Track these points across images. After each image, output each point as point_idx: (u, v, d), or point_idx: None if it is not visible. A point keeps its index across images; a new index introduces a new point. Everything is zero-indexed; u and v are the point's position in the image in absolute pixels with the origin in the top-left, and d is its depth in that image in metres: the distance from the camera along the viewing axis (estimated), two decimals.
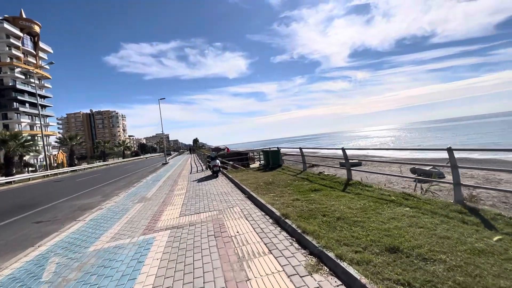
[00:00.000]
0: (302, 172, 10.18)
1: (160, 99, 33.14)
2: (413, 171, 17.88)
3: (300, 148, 11.01)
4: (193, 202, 6.89)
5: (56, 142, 37.94)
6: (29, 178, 23.55)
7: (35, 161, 56.70)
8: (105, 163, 43.30)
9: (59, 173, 29.18)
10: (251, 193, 6.80)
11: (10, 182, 21.57)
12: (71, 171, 32.47)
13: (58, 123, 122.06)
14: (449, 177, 15.36)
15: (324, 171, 9.49)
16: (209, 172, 13.90)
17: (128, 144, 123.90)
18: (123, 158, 56.59)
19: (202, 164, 20.54)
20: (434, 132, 75.29)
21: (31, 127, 59.23)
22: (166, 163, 29.96)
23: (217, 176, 11.61)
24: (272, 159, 12.76)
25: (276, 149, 13.72)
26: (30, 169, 40.93)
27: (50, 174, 27.71)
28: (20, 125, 56.63)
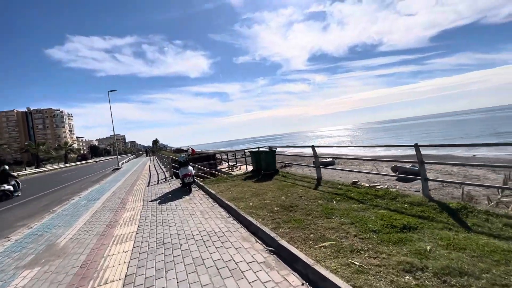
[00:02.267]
0: (320, 181, 6.87)
1: (110, 91, 27.26)
2: (394, 169, 16.18)
3: (313, 147, 7.70)
4: (151, 273, 3.03)
5: None
6: None
7: None
8: (38, 170, 35.03)
9: None
10: (281, 242, 3.18)
11: None
12: None
13: None
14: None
15: (359, 181, 6.36)
16: (175, 183, 9.84)
17: (75, 147, 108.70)
18: (65, 163, 47.56)
19: (164, 170, 16.13)
20: (387, 132, 79.74)
21: None
22: (119, 168, 24.50)
23: (190, 191, 7.71)
24: (266, 163, 9.27)
25: (269, 149, 10.28)
26: None
27: None
28: None
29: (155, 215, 5.59)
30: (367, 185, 5.96)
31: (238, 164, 27.38)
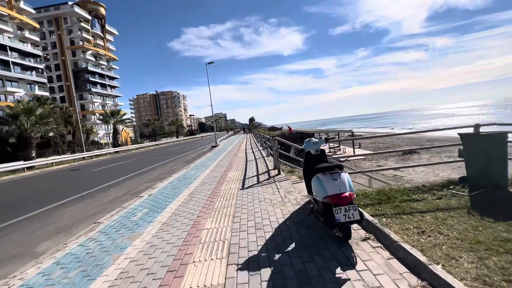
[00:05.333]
0: None
1: (208, 63, 25.85)
2: None
3: None
4: None
5: (99, 119, 35.44)
6: (52, 163, 19.23)
7: (109, 138, 58.07)
8: (155, 143, 39.57)
9: (96, 155, 25.08)
10: None
11: (25, 169, 17.25)
12: (115, 152, 28.59)
13: (130, 104, 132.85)
14: None
15: None
16: (287, 188, 5.22)
17: (188, 123, 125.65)
18: (177, 137, 53.50)
19: (263, 153, 12.25)
20: None
21: (103, 106, 60.69)
22: (216, 145, 23.12)
23: (347, 239, 2.83)
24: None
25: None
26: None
27: (87, 157, 23.67)
28: (93, 105, 58.31)
29: None
30: None
31: (342, 147, 22.02)
